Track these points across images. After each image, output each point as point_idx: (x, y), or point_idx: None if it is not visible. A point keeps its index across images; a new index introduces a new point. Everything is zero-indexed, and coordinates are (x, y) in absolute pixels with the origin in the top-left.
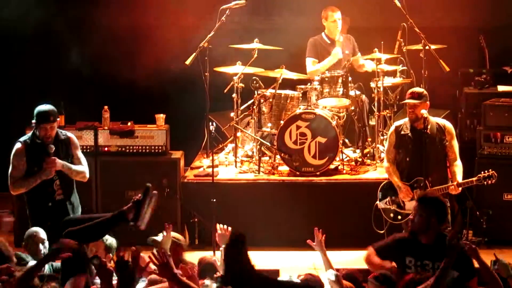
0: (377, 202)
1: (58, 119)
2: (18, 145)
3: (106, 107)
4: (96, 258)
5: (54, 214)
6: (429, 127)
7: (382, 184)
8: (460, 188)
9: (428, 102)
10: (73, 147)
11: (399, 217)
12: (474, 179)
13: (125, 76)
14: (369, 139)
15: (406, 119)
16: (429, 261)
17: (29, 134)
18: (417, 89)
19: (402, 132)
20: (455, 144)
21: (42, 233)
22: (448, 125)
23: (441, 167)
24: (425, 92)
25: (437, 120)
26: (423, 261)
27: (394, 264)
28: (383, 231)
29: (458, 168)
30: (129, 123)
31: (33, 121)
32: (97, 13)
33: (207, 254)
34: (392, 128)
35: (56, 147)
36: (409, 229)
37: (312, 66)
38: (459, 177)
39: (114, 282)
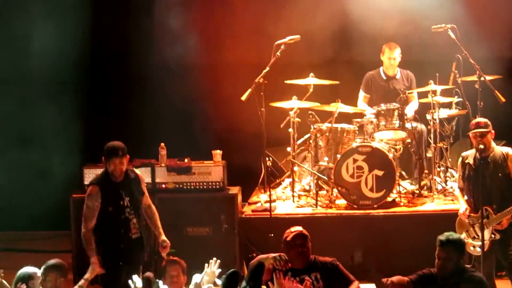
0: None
1: (127, 155)
2: (92, 188)
3: (162, 144)
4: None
5: (129, 253)
6: (491, 155)
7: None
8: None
9: (493, 131)
10: (143, 185)
11: (478, 249)
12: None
13: (181, 112)
14: (426, 171)
15: (473, 150)
16: None
17: (99, 175)
18: (481, 119)
19: (467, 161)
20: None
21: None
22: None
23: (505, 196)
24: (488, 121)
25: (501, 149)
26: None
27: None
28: (470, 265)
29: None
30: (186, 160)
31: (103, 157)
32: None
33: None
34: (460, 159)
35: (129, 186)
36: (440, 273)
37: (361, 101)
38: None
39: None
